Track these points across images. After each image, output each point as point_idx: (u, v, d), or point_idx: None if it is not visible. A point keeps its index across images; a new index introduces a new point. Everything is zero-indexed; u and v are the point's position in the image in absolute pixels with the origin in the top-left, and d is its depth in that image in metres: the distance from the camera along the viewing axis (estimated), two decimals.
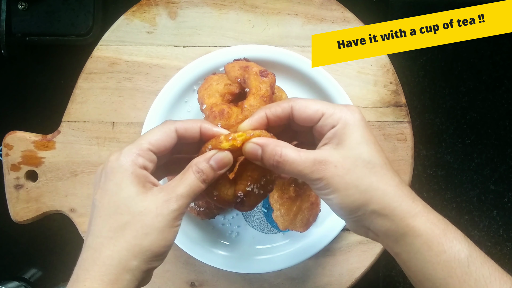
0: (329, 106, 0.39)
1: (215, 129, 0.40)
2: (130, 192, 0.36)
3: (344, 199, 0.37)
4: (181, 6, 0.66)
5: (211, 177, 0.39)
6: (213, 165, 0.38)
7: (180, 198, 0.37)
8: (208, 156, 0.38)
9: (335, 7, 0.66)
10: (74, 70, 0.67)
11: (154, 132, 0.39)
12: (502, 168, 0.74)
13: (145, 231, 0.36)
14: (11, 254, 0.74)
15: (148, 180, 0.38)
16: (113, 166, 0.37)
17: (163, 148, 0.39)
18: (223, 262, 0.61)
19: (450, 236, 0.36)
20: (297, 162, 0.37)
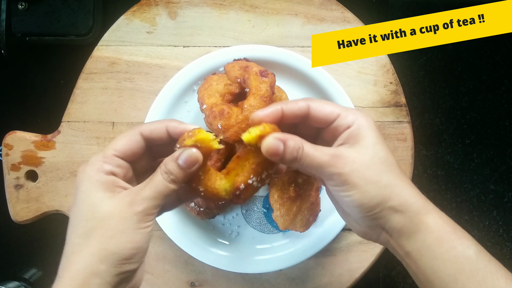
0: (344, 109, 0.40)
1: (182, 126, 0.40)
2: (95, 198, 0.37)
3: (365, 195, 0.37)
4: (181, 6, 0.66)
5: (181, 177, 0.38)
6: (182, 164, 0.38)
7: (145, 200, 0.37)
8: (175, 156, 0.38)
9: (335, 7, 0.66)
10: (74, 70, 0.67)
11: (119, 138, 0.40)
12: (502, 168, 0.74)
13: (110, 235, 0.36)
14: (11, 254, 0.74)
15: (116, 185, 0.38)
16: (80, 176, 0.38)
17: (130, 153, 0.39)
18: (223, 262, 0.61)
19: (459, 234, 0.38)
20: (316, 155, 0.38)
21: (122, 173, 0.39)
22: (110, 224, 0.36)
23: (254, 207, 0.65)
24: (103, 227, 0.36)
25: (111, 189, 0.38)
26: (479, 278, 0.36)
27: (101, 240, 0.36)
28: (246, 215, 0.65)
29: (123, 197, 0.37)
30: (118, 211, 0.36)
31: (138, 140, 0.40)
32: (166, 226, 0.62)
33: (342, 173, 0.37)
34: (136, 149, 0.40)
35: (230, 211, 0.65)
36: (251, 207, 0.65)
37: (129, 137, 0.40)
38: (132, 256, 0.37)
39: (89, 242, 0.36)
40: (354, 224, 0.42)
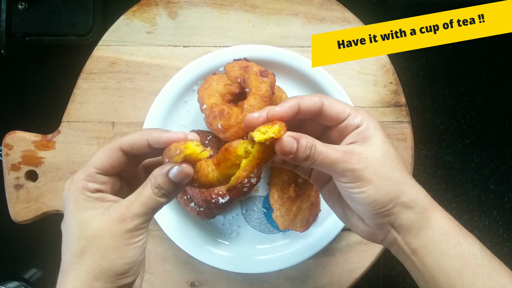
0: (353, 108, 0.41)
1: (165, 135, 0.37)
2: (84, 217, 0.37)
3: (378, 190, 0.38)
4: (181, 6, 0.66)
5: (172, 191, 0.37)
6: (173, 179, 0.37)
7: (135, 217, 0.37)
8: (166, 170, 0.36)
9: (335, 7, 0.66)
10: (74, 70, 0.67)
11: (99, 154, 0.39)
12: (502, 168, 0.74)
13: (102, 254, 0.36)
14: (11, 254, 0.74)
15: (104, 200, 0.38)
16: (66, 195, 0.38)
17: (111, 168, 0.39)
18: (223, 262, 0.61)
19: (464, 231, 0.39)
20: (329, 152, 0.38)
21: (109, 187, 0.39)
22: (101, 242, 0.36)
23: (254, 207, 0.65)
24: (95, 245, 0.36)
25: (99, 205, 0.37)
26: (484, 274, 0.37)
27: (94, 259, 0.36)
28: (246, 215, 0.65)
29: (113, 213, 0.37)
30: (109, 229, 0.36)
31: (119, 155, 0.39)
32: (166, 226, 0.62)
33: (356, 169, 0.37)
34: (117, 164, 0.39)
35: (230, 211, 0.65)
36: (251, 207, 0.65)
37: (109, 153, 0.39)
38: (127, 271, 0.37)
39: (82, 260, 0.36)
40: (359, 224, 0.42)
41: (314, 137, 0.42)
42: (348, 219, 0.43)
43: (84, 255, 0.36)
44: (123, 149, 0.38)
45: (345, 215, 0.43)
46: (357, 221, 0.42)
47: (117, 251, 0.36)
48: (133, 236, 0.37)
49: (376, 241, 0.41)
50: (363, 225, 0.41)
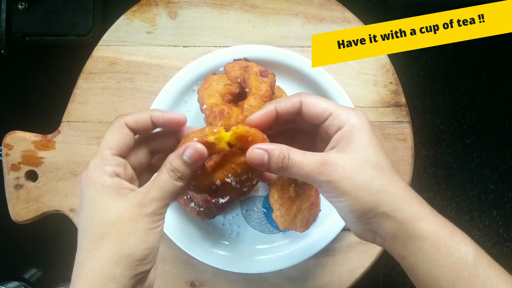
0: (337, 107, 0.39)
1: (166, 115, 0.40)
2: (103, 203, 0.37)
3: (354, 202, 0.37)
4: (181, 6, 0.66)
5: (187, 174, 0.38)
6: (187, 160, 0.37)
7: (154, 201, 0.37)
8: (180, 152, 0.37)
9: (335, 7, 0.66)
10: (74, 70, 0.67)
11: (109, 134, 0.39)
12: (502, 168, 0.74)
13: (122, 239, 0.36)
14: (11, 254, 0.74)
15: (122, 187, 0.38)
16: (84, 183, 0.38)
17: (124, 147, 0.39)
18: (223, 262, 0.61)
19: (457, 239, 0.36)
20: (304, 164, 0.37)
21: (123, 171, 0.39)
22: (121, 227, 0.36)
23: (254, 207, 0.65)
24: (115, 231, 0.36)
25: (117, 191, 0.37)
26: (478, 284, 0.35)
27: (114, 244, 0.36)
28: (246, 215, 0.65)
29: (131, 199, 0.37)
30: (128, 214, 0.36)
31: (127, 132, 0.39)
32: (166, 226, 0.62)
33: (331, 181, 0.36)
34: (128, 142, 0.40)
35: (230, 211, 0.65)
36: (251, 207, 0.65)
37: (117, 131, 0.39)
38: (146, 256, 0.37)
39: (102, 247, 0.36)
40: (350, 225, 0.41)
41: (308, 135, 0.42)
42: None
43: (103, 241, 0.36)
44: (128, 125, 0.39)
45: None
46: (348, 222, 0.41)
47: (137, 236, 0.36)
48: (152, 221, 0.37)
49: (368, 241, 0.40)
50: (353, 227, 0.41)
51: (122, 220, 0.36)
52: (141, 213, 0.36)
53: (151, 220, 0.37)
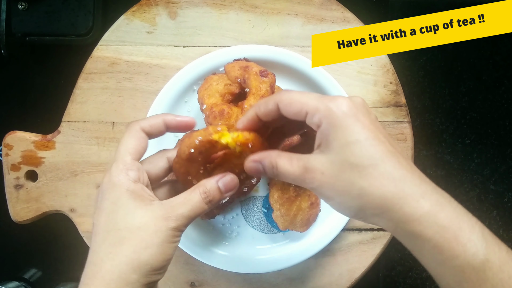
0: (314, 101, 0.35)
1: (178, 118, 0.42)
2: (127, 208, 0.37)
3: (341, 205, 0.36)
4: (181, 6, 0.66)
5: (217, 199, 0.39)
6: (221, 187, 0.39)
7: (180, 217, 0.38)
8: (217, 178, 0.39)
9: (335, 7, 0.66)
10: (74, 70, 0.67)
11: (127, 139, 0.40)
12: (502, 168, 0.74)
13: (144, 246, 0.36)
14: (11, 254, 0.74)
15: (145, 194, 0.38)
16: (107, 186, 0.38)
17: (143, 151, 0.41)
18: (223, 262, 0.61)
19: (463, 240, 0.32)
20: (290, 172, 0.36)
21: (144, 177, 0.40)
22: (144, 235, 0.36)
23: (254, 207, 0.65)
24: (137, 237, 0.36)
25: (141, 198, 0.38)
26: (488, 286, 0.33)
27: (135, 250, 0.36)
28: (246, 215, 0.65)
29: (157, 209, 0.37)
30: (153, 224, 0.37)
31: (144, 136, 0.41)
32: None
33: (313, 188, 0.36)
34: (145, 146, 0.41)
35: (230, 211, 0.65)
36: (251, 207, 0.65)
37: (135, 136, 0.40)
38: (162, 267, 0.38)
39: (121, 251, 0.36)
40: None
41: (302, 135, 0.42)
42: None
43: (124, 245, 0.36)
44: (144, 130, 0.41)
45: None
46: None
47: (159, 246, 0.36)
48: (174, 235, 0.38)
49: None
50: None
51: (147, 228, 0.36)
52: (166, 225, 0.37)
53: (174, 234, 0.37)
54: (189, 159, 0.39)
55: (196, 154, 0.39)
